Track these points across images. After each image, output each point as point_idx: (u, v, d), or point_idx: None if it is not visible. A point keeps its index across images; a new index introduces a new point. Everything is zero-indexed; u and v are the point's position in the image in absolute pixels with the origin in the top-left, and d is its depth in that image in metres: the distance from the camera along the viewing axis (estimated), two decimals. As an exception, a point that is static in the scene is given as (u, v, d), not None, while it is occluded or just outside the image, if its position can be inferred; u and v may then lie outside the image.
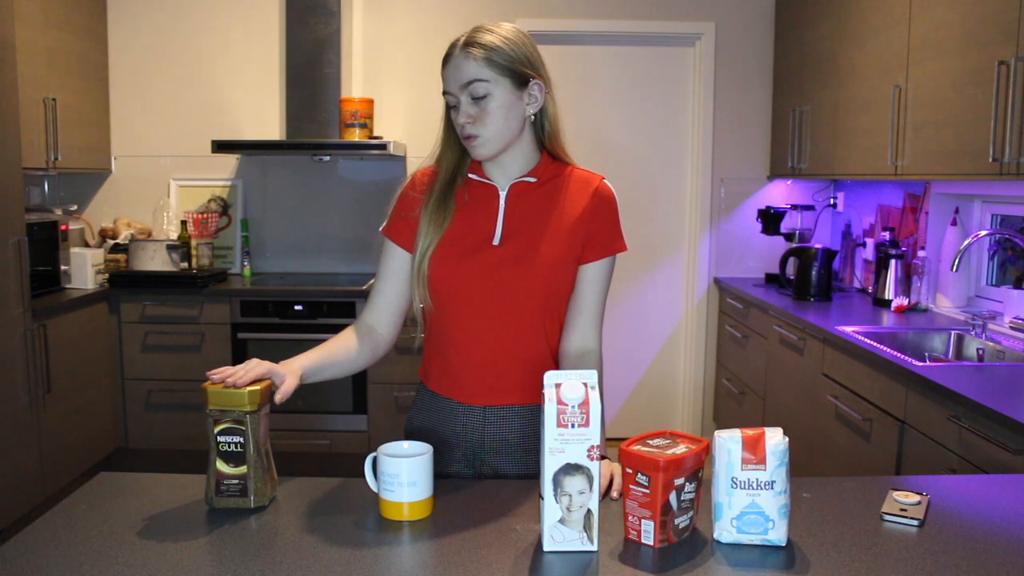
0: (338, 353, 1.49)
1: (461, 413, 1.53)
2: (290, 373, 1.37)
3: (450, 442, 1.54)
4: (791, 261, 3.85)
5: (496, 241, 1.47)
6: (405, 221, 1.53)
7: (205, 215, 4.08)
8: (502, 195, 1.50)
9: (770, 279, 4.21)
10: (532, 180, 1.50)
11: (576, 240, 1.47)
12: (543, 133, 1.52)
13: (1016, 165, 2.28)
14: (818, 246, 3.64)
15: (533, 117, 1.50)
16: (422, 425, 1.58)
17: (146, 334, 3.80)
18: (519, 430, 1.52)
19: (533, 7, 4.23)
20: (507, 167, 1.51)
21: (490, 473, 1.53)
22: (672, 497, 1.14)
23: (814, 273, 3.65)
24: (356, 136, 3.93)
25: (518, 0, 4.23)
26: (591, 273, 1.50)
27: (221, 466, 1.27)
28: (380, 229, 1.58)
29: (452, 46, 1.46)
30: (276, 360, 1.41)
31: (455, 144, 1.51)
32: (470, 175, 1.52)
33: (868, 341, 2.66)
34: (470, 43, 1.44)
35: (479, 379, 1.50)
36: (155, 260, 3.84)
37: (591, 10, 4.23)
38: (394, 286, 1.55)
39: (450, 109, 1.47)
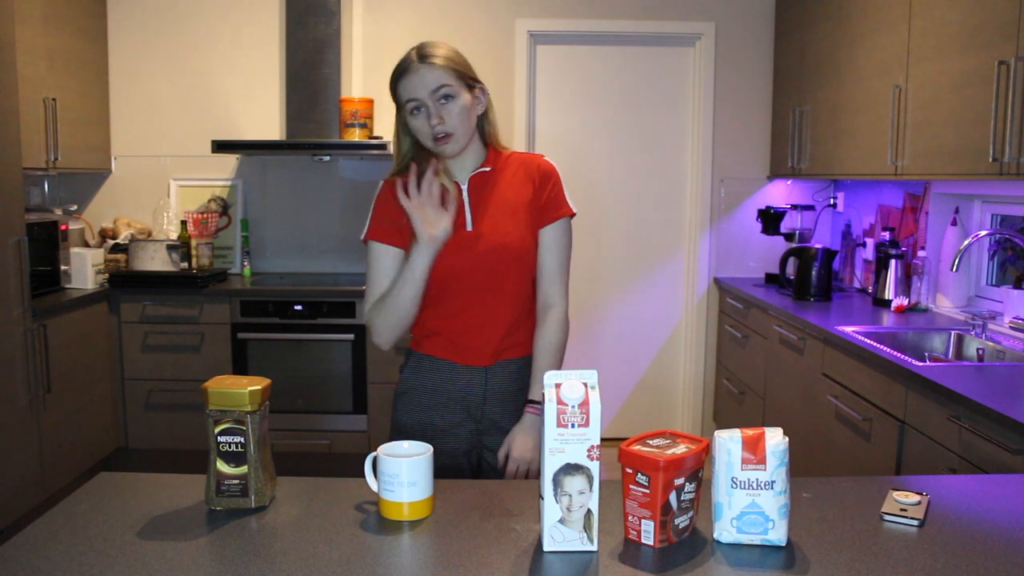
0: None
1: (463, 372, 1.74)
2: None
3: (452, 397, 1.76)
4: (791, 261, 3.85)
5: (469, 227, 1.70)
6: (393, 224, 1.75)
7: (205, 215, 4.08)
8: (464, 188, 1.73)
9: (770, 279, 4.21)
10: (488, 170, 1.74)
11: (532, 212, 1.72)
12: (487, 130, 1.75)
13: (1016, 165, 2.28)
14: (818, 246, 3.63)
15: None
16: (420, 384, 1.78)
17: (146, 334, 3.80)
18: (515, 382, 1.76)
19: (533, 7, 4.23)
20: (465, 163, 1.74)
21: (489, 426, 1.76)
22: (672, 497, 1.14)
23: (814, 273, 3.65)
24: (356, 136, 3.93)
25: (518, 0, 4.23)
26: (547, 237, 1.74)
27: (221, 466, 1.27)
28: (364, 237, 1.81)
29: (408, 60, 1.64)
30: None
31: (420, 151, 1.71)
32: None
33: (868, 341, 2.66)
34: (430, 55, 1.63)
35: (477, 343, 1.73)
36: (155, 260, 3.84)
37: (591, 10, 4.23)
38: (392, 281, 1.77)
39: (409, 118, 1.66)
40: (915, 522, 1.22)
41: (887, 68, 3.05)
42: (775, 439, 1.15)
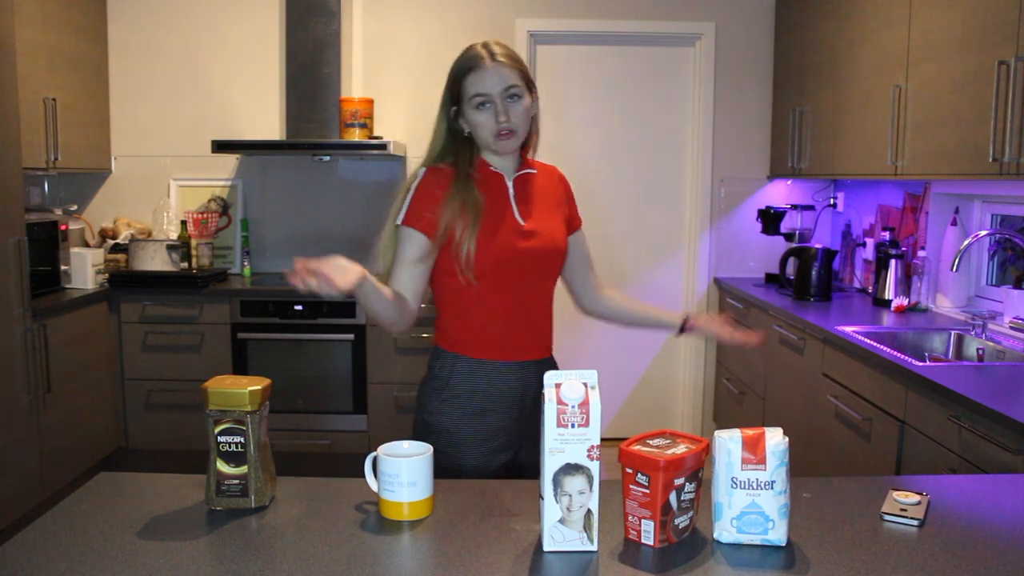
0: (390, 293, 1.67)
1: (512, 371, 1.74)
2: (358, 271, 1.54)
3: (502, 399, 1.74)
4: (791, 261, 3.85)
5: (522, 222, 1.73)
6: (430, 213, 1.70)
7: (205, 215, 4.08)
8: (509, 183, 1.75)
9: (770, 279, 4.21)
10: (533, 172, 1.80)
11: (564, 217, 1.82)
12: (531, 135, 1.78)
13: (1016, 165, 2.28)
14: (818, 246, 3.63)
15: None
16: (471, 388, 1.74)
17: (146, 334, 3.80)
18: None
19: (533, 7, 4.23)
20: (508, 163, 1.77)
21: (529, 423, 1.75)
22: (672, 497, 1.14)
23: (814, 273, 3.65)
24: (356, 136, 3.93)
25: (518, 0, 4.23)
26: (577, 240, 1.87)
27: (221, 466, 1.27)
28: (401, 221, 1.73)
29: (479, 57, 1.68)
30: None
31: (466, 143, 1.74)
32: (483, 167, 1.75)
33: (868, 341, 2.66)
34: (501, 55, 1.69)
35: (524, 339, 1.76)
36: (155, 260, 3.84)
37: (591, 10, 4.23)
38: (416, 272, 1.71)
39: (472, 111, 1.69)
40: (915, 522, 1.22)
41: (887, 68, 3.05)
42: (775, 439, 1.15)
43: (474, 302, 1.71)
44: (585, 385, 1.14)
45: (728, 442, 1.16)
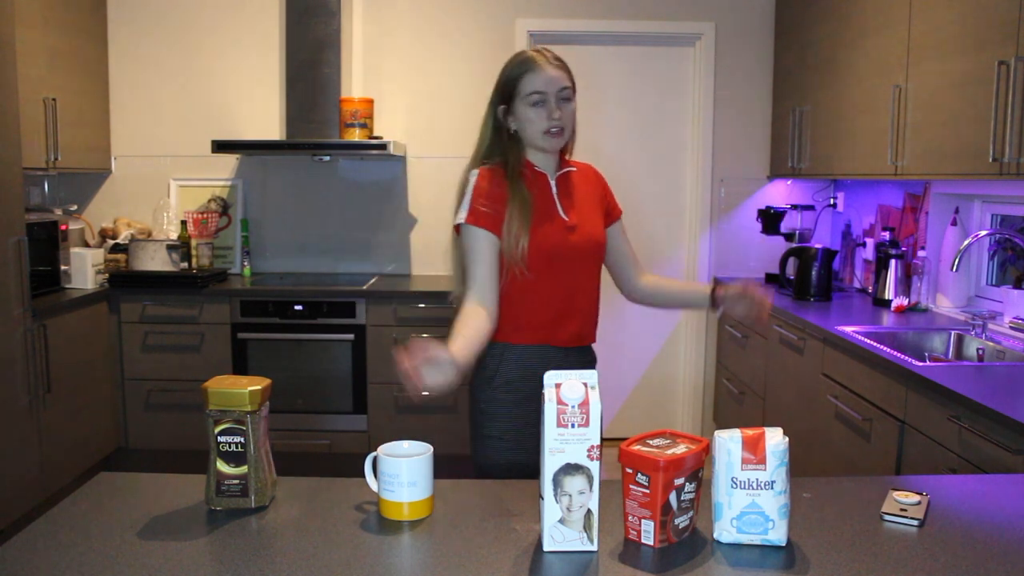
0: (482, 336, 1.72)
1: (560, 355, 1.85)
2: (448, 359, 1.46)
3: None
4: (791, 261, 3.85)
5: (566, 218, 1.85)
6: (491, 211, 1.80)
7: (205, 215, 4.08)
8: (552, 181, 1.89)
9: (770, 279, 4.21)
10: (573, 170, 1.94)
11: (603, 210, 1.95)
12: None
13: (1016, 165, 2.28)
14: (818, 246, 3.63)
15: None
16: (520, 374, 1.84)
17: (146, 334, 3.80)
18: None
19: (533, 7, 4.23)
20: (550, 162, 1.90)
21: None
22: (672, 497, 1.14)
23: (814, 273, 3.65)
24: (356, 136, 3.93)
25: (518, 0, 4.23)
26: (615, 235, 1.98)
27: (221, 466, 1.27)
28: (464, 220, 1.80)
29: (534, 59, 1.82)
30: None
31: (512, 143, 1.87)
32: (529, 167, 1.88)
33: (868, 341, 2.66)
34: (557, 59, 1.84)
35: (570, 326, 1.86)
36: (155, 260, 3.84)
37: (591, 10, 4.23)
38: (492, 266, 1.79)
39: (525, 108, 1.82)
40: (915, 522, 1.22)
41: (887, 68, 3.05)
42: (775, 439, 1.15)
43: (522, 293, 1.82)
44: (585, 385, 1.14)
45: (728, 442, 1.16)
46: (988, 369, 2.41)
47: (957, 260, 2.73)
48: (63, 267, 3.70)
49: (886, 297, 3.37)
